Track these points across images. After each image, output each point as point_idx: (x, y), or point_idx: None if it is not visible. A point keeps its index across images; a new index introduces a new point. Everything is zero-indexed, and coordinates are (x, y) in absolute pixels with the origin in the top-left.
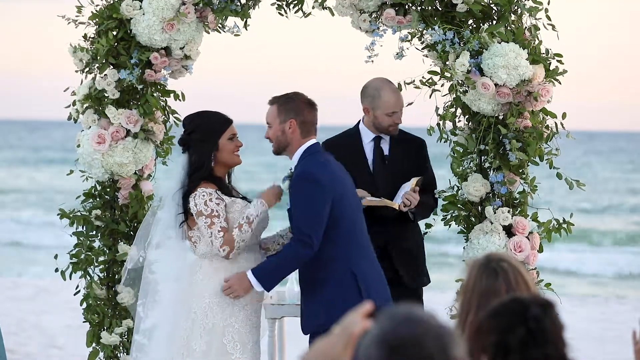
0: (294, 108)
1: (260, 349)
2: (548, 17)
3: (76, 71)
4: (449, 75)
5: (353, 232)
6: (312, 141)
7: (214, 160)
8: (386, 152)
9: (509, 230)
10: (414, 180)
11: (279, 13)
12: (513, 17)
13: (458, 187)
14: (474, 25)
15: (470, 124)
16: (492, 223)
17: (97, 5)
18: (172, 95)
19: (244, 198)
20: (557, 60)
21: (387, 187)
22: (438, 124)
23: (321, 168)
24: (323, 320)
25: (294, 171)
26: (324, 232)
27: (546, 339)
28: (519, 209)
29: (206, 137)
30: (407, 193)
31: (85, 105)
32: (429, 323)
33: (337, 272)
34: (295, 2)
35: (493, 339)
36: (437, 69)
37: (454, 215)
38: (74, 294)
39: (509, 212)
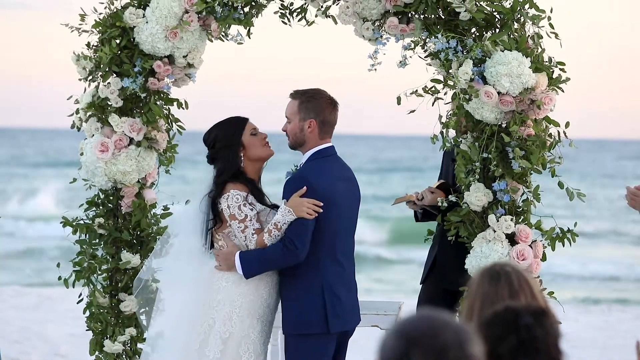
0: (316, 108)
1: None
2: (551, 25)
3: (79, 79)
4: (452, 83)
5: (333, 248)
6: (327, 144)
7: (243, 160)
8: None
9: (511, 239)
10: (437, 182)
11: (282, 21)
12: (516, 25)
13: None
14: (477, 34)
15: (473, 132)
16: (495, 231)
17: (100, 14)
18: (175, 103)
19: (273, 206)
20: (560, 69)
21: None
22: (441, 132)
23: (315, 175)
24: (292, 327)
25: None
26: None
27: (537, 348)
28: (522, 217)
29: (229, 141)
30: (425, 190)
31: (88, 114)
32: (449, 321)
33: (307, 283)
34: (299, 10)
35: (486, 348)
36: (440, 77)
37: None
38: (77, 302)
39: (512, 220)
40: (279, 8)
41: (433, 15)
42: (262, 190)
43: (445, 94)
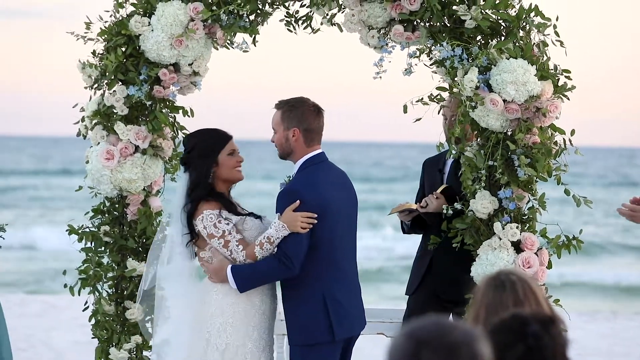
0: (298, 116)
1: None
2: (556, 33)
3: (85, 87)
4: (457, 91)
5: (332, 255)
6: (317, 151)
7: (213, 177)
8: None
9: (517, 246)
10: (441, 187)
11: (287, 29)
12: (521, 33)
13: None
14: (483, 41)
15: (478, 139)
16: (500, 239)
17: (105, 22)
18: (180, 111)
19: (251, 214)
20: (566, 76)
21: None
22: (447, 140)
23: (307, 186)
24: (296, 338)
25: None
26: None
27: (545, 356)
28: (528, 225)
29: (205, 153)
30: (428, 196)
31: (94, 122)
32: (457, 323)
33: (307, 293)
34: (304, 18)
35: (493, 356)
36: (446, 85)
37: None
38: (83, 310)
39: (517, 228)
40: (285, 16)
41: (438, 23)
42: (232, 201)
43: (450, 101)
